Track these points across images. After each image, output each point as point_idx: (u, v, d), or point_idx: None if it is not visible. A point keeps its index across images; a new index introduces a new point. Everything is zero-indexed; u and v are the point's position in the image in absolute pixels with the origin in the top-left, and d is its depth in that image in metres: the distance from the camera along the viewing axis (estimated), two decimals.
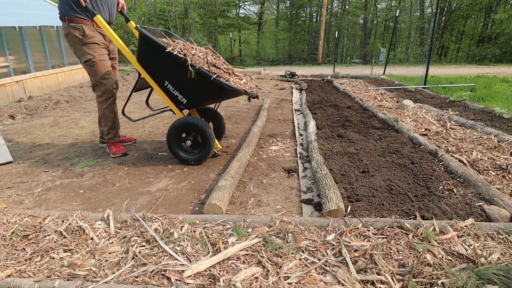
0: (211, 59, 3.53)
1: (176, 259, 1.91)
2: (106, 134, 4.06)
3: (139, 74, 3.62)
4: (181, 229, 2.20)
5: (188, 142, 3.60)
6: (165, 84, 3.49)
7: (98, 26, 3.74)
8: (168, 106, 3.74)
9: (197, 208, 2.71)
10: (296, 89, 9.79)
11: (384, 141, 4.10)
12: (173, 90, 3.48)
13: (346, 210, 2.46)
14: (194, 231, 2.17)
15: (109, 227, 2.27)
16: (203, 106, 4.10)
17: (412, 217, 2.36)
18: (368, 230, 2.14)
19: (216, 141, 3.83)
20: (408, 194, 2.71)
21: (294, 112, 6.44)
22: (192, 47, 3.61)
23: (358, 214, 2.41)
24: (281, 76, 13.28)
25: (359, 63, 26.73)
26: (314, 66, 23.57)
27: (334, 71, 14.86)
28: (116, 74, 4.14)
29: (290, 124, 5.49)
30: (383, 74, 12.92)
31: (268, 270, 1.80)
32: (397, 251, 1.94)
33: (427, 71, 9.44)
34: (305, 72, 15.20)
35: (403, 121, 5.04)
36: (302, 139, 4.56)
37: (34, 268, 1.88)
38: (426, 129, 4.60)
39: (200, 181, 3.26)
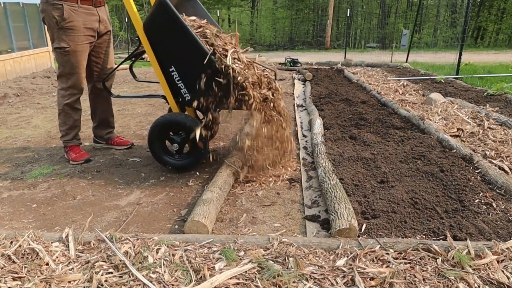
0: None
1: None
2: (63, 135, 4.06)
3: (139, 43, 3.51)
4: (157, 252, 2.20)
5: (175, 145, 3.59)
6: (170, 70, 3.42)
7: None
8: (157, 89, 3.72)
9: (176, 227, 2.71)
10: (299, 79, 9.82)
11: (407, 144, 4.12)
12: (178, 81, 3.42)
13: (360, 229, 2.46)
14: (173, 255, 2.17)
15: (69, 250, 2.26)
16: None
17: (442, 237, 2.37)
18: (387, 254, 2.15)
19: None
20: (436, 209, 2.72)
21: (296, 108, 6.47)
22: (238, 52, 3.42)
23: (375, 234, 2.42)
24: (280, 64, 13.29)
25: (376, 48, 26.83)
26: (320, 52, 23.62)
27: (345, 57, 14.89)
28: (110, 60, 4.17)
29: (291, 123, 5.49)
30: (406, 61, 12.97)
31: None
32: (423, 280, 1.95)
33: (459, 57, 9.49)
34: (309, 59, 15.24)
35: (430, 119, 5.06)
36: (306, 141, 4.58)
37: None
38: (458, 129, 4.62)
39: (181, 193, 3.26)
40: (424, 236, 2.41)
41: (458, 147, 3.85)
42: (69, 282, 1.99)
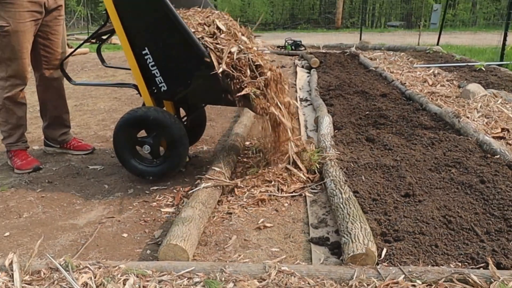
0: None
1: None
2: (5, 136, 4.03)
3: (107, 17, 3.49)
4: (125, 284, 2.19)
5: (147, 147, 3.60)
6: (143, 53, 3.42)
7: None
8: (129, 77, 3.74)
9: (149, 252, 2.71)
10: (303, 67, 9.85)
11: (438, 148, 4.14)
12: (153, 67, 3.44)
13: (379, 255, 2.47)
14: (145, 287, 2.18)
15: (13, 281, 2.26)
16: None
17: (482, 265, 2.38)
18: (414, 286, 2.15)
19: None
20: (475, 229, 2.73)
21: (299, 102, 6.48)
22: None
23: (398, 261, 2.42)
24: (279, 47, 13.33)
25: (400, 27, 26.93)
26: (330, 32, 23.69)
27: (360, 39, 14.96)
28: (62, 42, 4.15)
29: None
30: (437, 44, 13.04)
31: None
32: None
33: (504, 39, 9.53)
34: (316, 41, 15.28)
35: (467, 117, 5.08)
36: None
37: None
38: (503, 129, 4.64)
39: (154, 210, 3.26)
40: (460, 264, 2.41)
41: (502, 151, 3.87)
42: None
